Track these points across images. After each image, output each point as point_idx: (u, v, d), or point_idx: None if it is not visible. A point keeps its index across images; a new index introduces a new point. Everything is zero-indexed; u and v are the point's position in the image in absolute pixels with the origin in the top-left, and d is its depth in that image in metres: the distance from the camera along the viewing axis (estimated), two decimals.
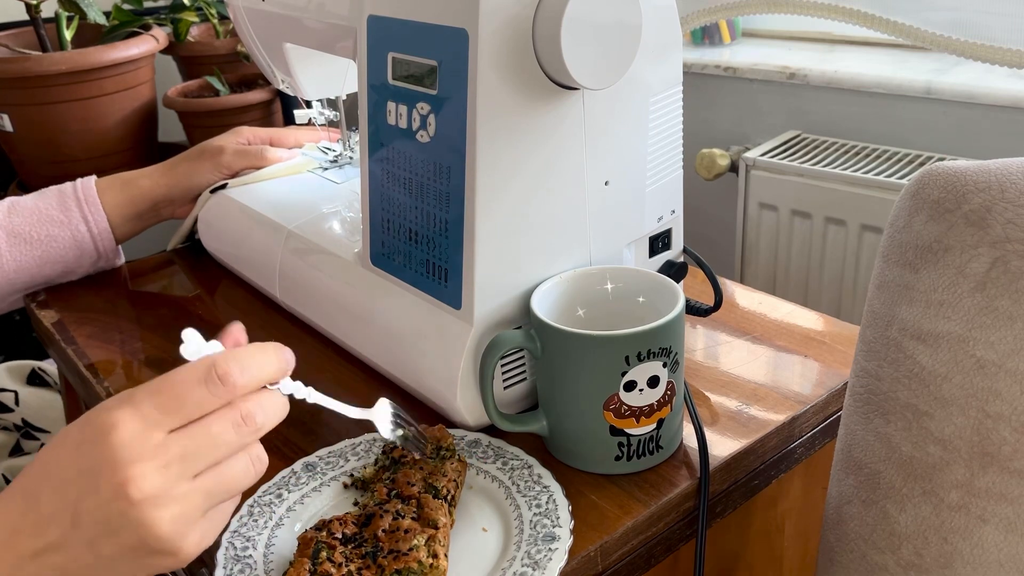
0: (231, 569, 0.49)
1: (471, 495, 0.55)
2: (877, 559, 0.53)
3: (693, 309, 0.71)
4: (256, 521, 0.53)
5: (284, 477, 0.57)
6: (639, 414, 0.55)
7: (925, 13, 1.14)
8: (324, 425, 0.64)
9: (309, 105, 0.93)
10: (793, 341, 0.71)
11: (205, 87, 1.36)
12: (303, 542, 0.49)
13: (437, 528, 0.49)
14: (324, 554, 0.48)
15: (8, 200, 0.85)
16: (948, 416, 0.48)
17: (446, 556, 0.49)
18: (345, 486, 0.57)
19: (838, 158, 1.30)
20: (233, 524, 0.53)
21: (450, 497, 0.52)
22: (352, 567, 0.47)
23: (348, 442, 0.60)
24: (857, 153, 1.31)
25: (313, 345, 0.75)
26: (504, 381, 0.61)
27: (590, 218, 0.63)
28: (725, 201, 1.48)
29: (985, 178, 0.47)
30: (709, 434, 0.60)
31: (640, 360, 0.53)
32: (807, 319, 0.75)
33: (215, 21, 1.42)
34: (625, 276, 0.61)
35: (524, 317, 0.61)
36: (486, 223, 0.58)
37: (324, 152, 0.95)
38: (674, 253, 0.72)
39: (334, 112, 0.93)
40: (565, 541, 0.50)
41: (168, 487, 0.40)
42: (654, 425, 0.56)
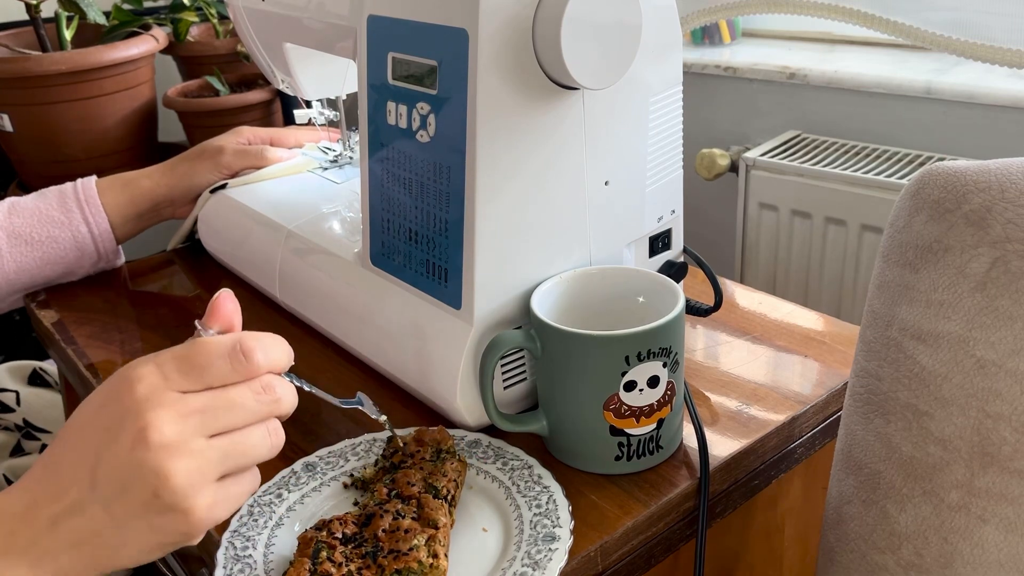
0: (231, 569, 0.49)
1: (471, 495, 0.55)
2: (877, 559, 0.53)
3: (693, 309, 0.71)
4: (256, 521, 0.53)
5: (284, 477, 0.57)
6: (639, 414, 0.55)
7: (925, 13, 1.13)
8: (324, 425, 0.64)
9: (309, 105, 0.93)
10: (793, 341, 0.71)
11: (205, 87, 1.36)
12: (303, 542, 0.49)
13: (437, 528, 0.49)
14: (324, 554, 0.48)
15: (8, 201, 0.85)
16: (948, 416, 0.48)
17: (446, 556, 0.49)
18: (345, 486, 0.57)
19: (838, 158, 1.30)
20: (233, 524, 0.53)
21: (450, 497, 0.52)
22: (352, 567, 0.47)
23: (348, 442, 0.60)
24: (857, 153, 1.31)
25: (313, 345, 0.75)
26: (504, 381, 0.61)
27: (590, 218, 0.63)
28: (725, 201, 1.48)
29: (985, 178, 0.47)
30: (709, 434, 0.60)
31: (640, 360, 0.53)
32: (807, 319, 0.75)
33: (215, 21, 1.42)
34: (625, 276, 0.61)
35: (524, 317, 0.61)
36: (486, 223, 0.58)
37: (324, 152, 0.95)
38: (674, 253, 0.72)
39: (334, 112, 0.93)
40: (565, 541, 0.50)
41: (185, 438, 0.41)
42: (654, 425, 0.56)
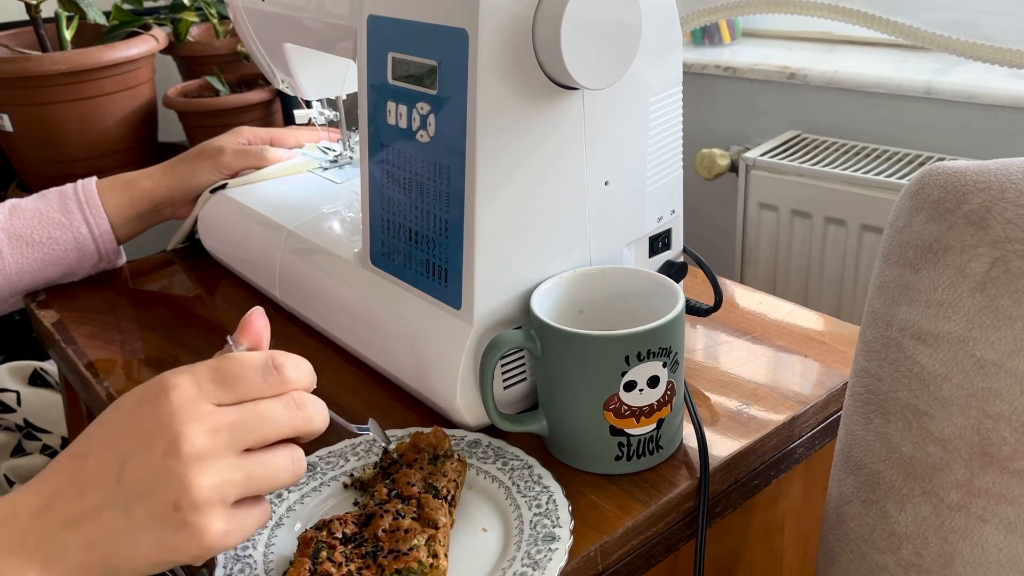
0: (231, 569, 0.49)
1: (471, 495, 0.55)
2: (877, 559, 0.53)
3: (693, 309, 0.71)
4: None
5: None
6: (639, 414, 0.55)
7: (925, 13, 1.14)
8: None
9: (309, 105, 0.93)
10: (793, 341, 0.71)
11: (205, 87, 1.36)
12: (303, 542, 0.49)
13: (437, 528, 0.49)
14: (324, 554, 0.48)
15: (9, 202, 0.85)
16: (948, 416, 0.48)
17: (446, 556, 0.49)
18: (345, 486, 0.57)
19: (838, 158, 1.30)
20: None
21: (450, 497, 0.52)
22: (352, 567, 0.47)
23: (348, 442, 0.60)
24: (857, 153, 1.31)
25: (313, 345, 0.75)
26: (504, 381, 0.61)
27: (590, 218, 0.63)
28: (725, 201, 1.48)
29: (985, 178, 0.47)
30: (709, 434, 0.60)
31: (640, 360, 0.53)
32: (807, 319, 0.75)
33: (215, 21, 1.42)
34: (625, 276, 0.61)
35: (524, 317, 0.61)
36: (486, 223, 0.58)
37: (324, 152, 0.95)
38: (674, 253, 0.72)
39: (334, 112, 0.93)
40: (565, 541, 0.50)
41: (215, 453, 0.42)
42: (654, 425, 0.56)
